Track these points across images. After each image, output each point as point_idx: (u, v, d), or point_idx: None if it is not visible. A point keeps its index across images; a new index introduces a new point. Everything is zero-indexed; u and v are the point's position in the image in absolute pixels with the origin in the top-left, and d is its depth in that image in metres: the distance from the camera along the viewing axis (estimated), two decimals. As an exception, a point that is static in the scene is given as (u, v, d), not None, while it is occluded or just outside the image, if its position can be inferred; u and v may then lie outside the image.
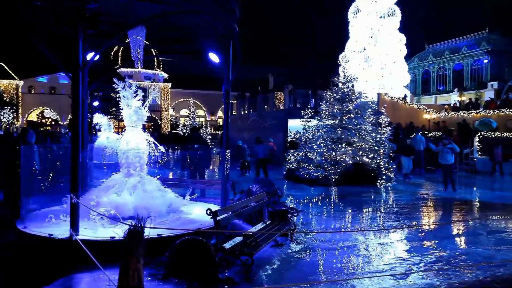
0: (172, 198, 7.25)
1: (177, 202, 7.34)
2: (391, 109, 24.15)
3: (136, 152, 7.00)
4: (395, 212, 10.16)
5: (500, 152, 16.87)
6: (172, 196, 7.34)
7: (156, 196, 6.89)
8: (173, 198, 7.30)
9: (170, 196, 7.23)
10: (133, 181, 6.94)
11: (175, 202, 7.28)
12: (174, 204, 7.20)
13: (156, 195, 6.91)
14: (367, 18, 30.93)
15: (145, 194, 6.79)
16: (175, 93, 52.06)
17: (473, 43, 36.11)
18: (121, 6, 5.82)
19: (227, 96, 7.13)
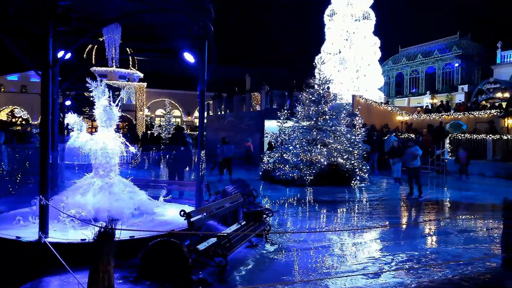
0: (142, 200, 7.08)
1: (148, 204, 7.18)
2: (365, 111, 24.58)
3: (104, 152, 6.84)
4: (368, 212, 10.34)
5: (464, 154, 16.82)
6: (144, 198, 7.17)
7: (122, 198, 6.71)
8: (144, 200, 7.12)
9: (140, 198, 7.05)
10: (100, 183, 6.80)
11: (146, 204, 7.12)
12: (144, 207, 7.01)
13: (122, 197, 6.74)
14: (342, 21, 31.38)
15: (110, 196, 6.64)
16: (150, 92, 51.32)
17: (444, 47, 37.18)
18: (93, 4, 5.70)
19: (202, 97, 7.09)
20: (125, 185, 7.06)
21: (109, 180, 6.88)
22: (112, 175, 6.97)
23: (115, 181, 6.92)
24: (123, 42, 8.39)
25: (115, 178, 6.98)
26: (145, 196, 7.34)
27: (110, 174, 6.94)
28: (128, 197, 6.83)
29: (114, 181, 6.92)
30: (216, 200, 7.59)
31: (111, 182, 6.86)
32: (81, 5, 5.76)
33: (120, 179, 7.10)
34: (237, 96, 29.28)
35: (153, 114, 53.15)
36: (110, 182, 6.85)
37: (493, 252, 6.70)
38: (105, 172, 6.93)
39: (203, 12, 6.41)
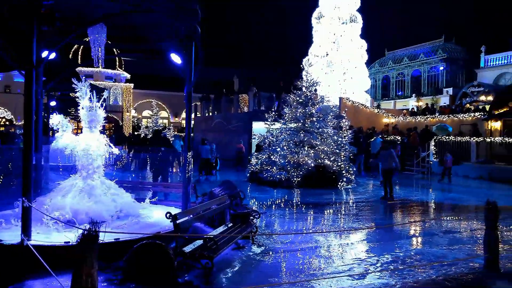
0: (126, 202, 6.95)
1: (133, 206, 7.07)
2: (352, 113, 24.81)
3: (86, 154, 6.74)
4: (354, 214, 10.43)
5: (450, 159, 16.78)
6: (128, 200, 7.05)
7: (102, 200, 6.57)
8: (127, 203, 6.98)
9: (123, 201, 6.91)
10: (81, 184, 6.71)
11: (131, 206, 6.99)
12: (129, 209, 6.88)
13: (103, 199, 6.60)
14: (330, 23, 31.63)
15: (89, 198, 6.54)
16: (137, 93, 50.90)
17: (430, 50, 37.76)
18: (78, 4, 5.63)
19: (189, 98, 7.05)
20: (109, 187, 6.94)
21: (91, 182, 6.78)
22: (95, 177, 6.87)
23: (97, 183, 6.81)
24: (109, 43, 8.32)
25: (98, 180, 6.87)
26: (130, 198, 7.24)
27: (93, 176, 6.84)
28: (109, 199, 6.70)
29: (95, 183, 6.80)
30: (203, 202, 7.55)
31: (92, 184, 6.75)
32: (65, 5, 5.69)
33: (104, 181, 7.00)
34: (225, 98, 29.27)
35: (140, 115, 52.72)
36: (91, 184, 6.74)
37: (476, 253, 6.81)
38: (88, 173, 6.83)
39: (190, 14, 6.38)
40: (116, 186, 7.18)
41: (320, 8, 32.42)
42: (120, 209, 6.72)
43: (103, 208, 6.44)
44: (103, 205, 6.51)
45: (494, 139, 18.30)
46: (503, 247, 6.97)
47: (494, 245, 5.84)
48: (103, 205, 6.51)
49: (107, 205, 6.56)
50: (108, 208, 6.54)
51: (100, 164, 6.95)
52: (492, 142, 18.23)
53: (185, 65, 7.00)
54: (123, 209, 6.78)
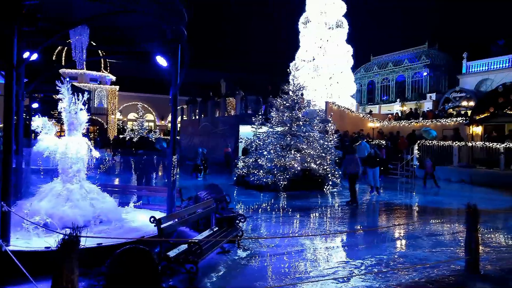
0: (107, 207, 6.78)
1: (114, 211, 6.87)
2: (338, 117, 25.01)
3: (65, 157, 6.62)
4: (340, 217, 10.48)
5: (429, 164, 16.62)
6: (110, 205, 6.87)
7: (79, 205, 6.43)
8: (109, 207, 6.82)
9: (105, 206, 6.74)
10: (59, 189, 6.58)
11: (111, 211, 6.79)
12: (109, 214, 6.71)
13: (80, 204, 6.45)
14: (316, 28, 31.89)
15: (65, 202, 6.41)
16: (123, 96, 50.40)
17: (414, 56, 38.38)
18: (61, 4, 5.54)
19: (174, 101, 7.01)
20: (88, 191, 6.76)
21: (70, 186, 6.64)
22: (75, 180, 6.73)
23: (75, 187, 6.66)
24: (94, 44, 8.22)
25: (77, 184, 6.72)
26: (112, 202, 7.12)
27: (73, 180, 6.71)
28: (87, 204, 6.54)
29: (74, 187, 6.65)
30: (188, 206, 7.50)
31: (70, 188, 6.62)
32: (48, 6, 5.60)
33: (83, 185, 6.82)
34: (212, 101, 29.21)
35: (125, 118, 52.21)
36: (69, 188, 6.61)
37: (458, 255, 6.91)
38: (67, 177, 6.71)
39: (176, 16, 6.36)
40: (98, 190, 7.05)
41: (307, 13, 32.68)
42: (99, 213, 6.55)
43: (78, 213, 6.28)
44: (79, 210, 6.35)
45: (475, 144, 18.66)
46: (483, 249, 7.10)
47: (474, 248, 5.94)
48: (79, 210, 6.35)
49: (83, 210, 6.39)
50: (84, 213, 6.37)
51: (81, 167, 6.80)
52: (474, 147, 18.58)
53: (171, 67, 6.97)
54: (103, 213, 6.60)
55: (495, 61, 30.74)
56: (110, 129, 46.47)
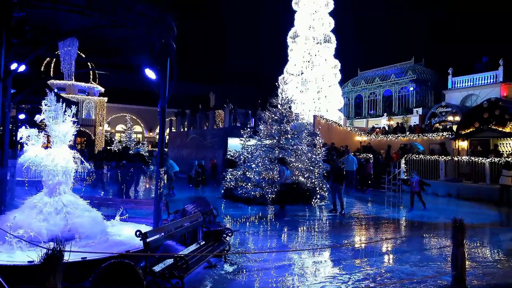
0: (87, 221, 6.54)
1: (97, 224, 6.67)
2: (326, 130, 25.20)
3: (47, 169, 6.52)
4: (328, 231, 10.49)
5: (416, 180, 14.17)
6: (90, 219, 6.65)
7: (55, 218, 6.29)
8: (88, 221, 6.56)
9: (82, 220, 6.51)
10: (41, 201, 6.48)
11: (92, 225, 6.59)
12: (92, 228, 6.48)
13: (50, 218, 6.27)
14: (305, 43, 32.31)
15: (37, 216, 6.29)
16: (111, 107, 50.07)
17: (400, 71, 39.04)
18: (49, 17, 5.54)
19: (163, 114, 7.00)
20: (67, 204, 6.56)
21: (48, 199, 6.53)
22: (56, 193, 6.60)
23: (52, 201, 6.53)
24: (83, 56, 8.19)
25: (56, 197, 6.58)
26: (97, 215, 6.98)
27: (53, 193, 6.59)
28: (60, 217, 6.36)
29: (50, 200, 6.53)
30: (175, 219, 7.43)
31: (50, 201, 6.50)
32: (37, 17, 5.59)
33: (64, 197, 6.65)
34: (200, 113, 29.19)
35: (113, 130, 51.79)
36: (49, 201, 6.50)
37: (444, 270, 6.94)
38: (49, 189, 6.61)
39: (165, 30, 6.39)
40: (80, 202, 6.88)
41: (296, 28, 33.13)
42: (77, 227, 6.34)
43: (53, 228, 6.12)
44: (55, 224, 6.20)
45: (461, 158, 18.94)
46: (470, 264, 7.16)
47: (461, 262, 5.98)
48: (55, 224, 6.20)
49: (58, 223, 6.23)
50: (59, 226, 6.21)
51: (62, 180, 6.67)
52: (460, 161, 18.85)
53: (159, 80, 6.97)
54: (83, 227, 6.41)
55: (479, 77, 31.43)
56: (97, 140, 46.00)
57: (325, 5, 32.70)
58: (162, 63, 6.80)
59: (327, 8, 32.76)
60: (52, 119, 6.70)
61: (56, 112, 6.68)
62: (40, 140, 7.23)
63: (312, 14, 32.58)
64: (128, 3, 5.78)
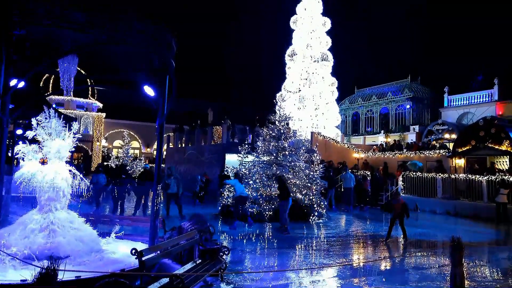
0: (65, 241, 6.32)
1: (92, 242, 6.63)
2: (323, 147, 25.23)
3: (37, 185, 6.48)
4: (326, 249, 10.39)
5: (398, 204, 11.50)
6: (70, 238, 6.40)
7: (29, 236, 6.16)
8: (66, 241, 6.34)
9: (63, 239, 6.31)
10: (35, 218, 6.42)
11: (86, 242, 6.53)
12: (61, 248, 6.20)
13: (32, 235, 6.16)
14: (302, 61, 32.66)
15: (38, 233, 6.23)
16: (109, 123, 50.15)
17: (397, 89, 39.40)
18: (50, 33, 5.59)
19: (161, 130, 7.00)
20: (54, 222, 6.44)
21: (36, 216, 6.46)
22: (45, 209, 6.54)
23: (36, 217, 6.46)
24: (83, 73, 8.24)
25: (45, 214, 6.50)
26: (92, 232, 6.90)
27: (44, 209, 6.53)
28: (43, 235, 6.24)
29: (36, 217, 6.46)
30: (172, 237, 7.35)
31: (33, 218, 6.43)
32: (37, 35, 5.64)
33: (53, 214, 6.56)
34: (198, 129, 29.23)
35: (111, 145, 51.73)
36: (32, 218, 6.43)
37: (444, 290, 6.88)
38: (40, 206, 6.56)
39: (165, 48, 6.45)
40: (76, 220, 6.78)
41: (293, 46, 33.52)
42: (58, 245, 6.16)
43: (33, 246, 6.01)
44: (33, 241, 6.09)
45: (458, 176, 18.94)
46: (469, 283, 7.09)
47: (459, 281, 5.93)
48: (33, 241, 6.09)
49: (37, 241, 6.09)
50: (39, 244, 6.07)
51: (53, 196, 6.60)
52: (457, 179, 18.85)
53: (158, 97, 6.99)
54: (68, 245, 6.21)
55: (475, 95, 31.77)
56: (94, 156, 45.89)
57: (322, 25, 33.19)
58: (161, 80, 6.85)
59: (324, 27, 33.24)
60: (48, 135, 6.69)
61: (52, 129, 6.68)
62: (37, 155, 7.19)
63: (310, 33, 33.04)
64: (128, 20, 5.85)
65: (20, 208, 7.84)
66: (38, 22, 5.29)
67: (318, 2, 33.56)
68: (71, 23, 5.42)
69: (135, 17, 5.86)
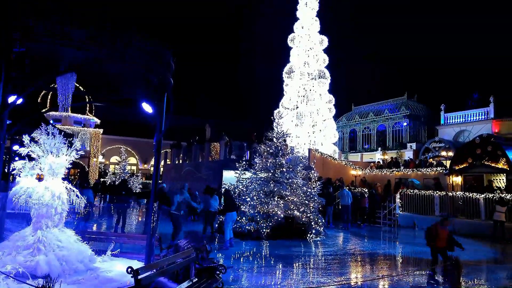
0: (43, 260, 6.19)
1: (87, 260, 6.54)
2: (320, 164, 25.25)
3: (29, 203, 6.43)
4: (323, 268, 10.28)
5: (444, 232, 9.39)
6: (50, 257, 6.28)
7: (11, 253, 6.13)
8: (46, 260, 6.20)
9: (45, 258, 6.20)
10: (16, 236, 6.36)
11: (80, 260, 6.45)
12: (43, 267, 6.06)
13: (15, 253, 6.10)
14: (300, 78, 32.96)
15: (31, 251, 6.15)
16: (106, 139, 50.08)
17: (394, 107, 39.67)
18: (49, 50, 5.64)
19: (158, 147, 7.00)
20: (40, 240, 6.37)
21: (26, 233, 6.39)
22: (36, 226, 6.48)
23: (25, 235, 6.38)
24: (82, 89, 8.28)
25: (32, 232, 6.44)
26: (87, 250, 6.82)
27: (35, 227, 6.48)
28: (26, 253, 6.15)
29: (25, 234, 6.39)
30: (168, 255, 7.28)
31: (21, 236, 6.37)
32: (36, 52, 5.69)
33: (45, 232, 6.49)
34: (196, 146, 29.20)
35: (108, 161, 51.54)
36: (21, 235, 6.37)
37: (443, 310, 6.80)
38: (32, 223, 6.50)
39: (163, 65, 6.51)
40: (70, 238, 6.70)
41: (291, 64, 33.87)
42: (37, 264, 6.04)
43: (14, 264, 5.94)
44: (12, 260, 6.00)
45: (456, 194, 18.94)
46: (468, 304, 7.01)
47: (459, 302, 5.87)
48: (12, 260, 6.00)
49: (18, 260, 5.99)
50: (19, 261, 5.98)
51: (43, 213, 6.54)
52: (454, 196, 18.84)
53: (156, 114, 7.02)
54: (47, 264, 6.10)
55: (471, 113, 32.04)
56: (91, 172, 45.67)
57: (320, 43, 33.62)
58: (159, 97, 6.88)
59: (322, 45, 33.66)
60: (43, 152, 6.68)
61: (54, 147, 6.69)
62: (33, 171, 7.16)
63: (307, 51, 33.45)
64: (127, 38, 5.92)
65: (14, 225, 7.76)
66: (38, 39, 5.34)
67: (315, 20, 34.09)
68: (71, 41, 5.48)
69: (135, 35, 5.93)
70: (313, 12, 34.31)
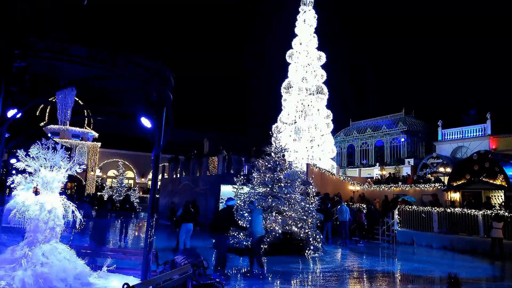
0: (19, 277, 5.99)
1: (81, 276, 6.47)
2: (319, 179, 25.22)
3: (22, 217, 6.38)
4: (322, 285, 10.18)
5: None
6: (27, 276, 6.06)
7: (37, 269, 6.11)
8: (19, 277, 6.00)
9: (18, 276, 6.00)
10: (9, 251, 6.30)
11: (74, 277, 6.37)
12: (14, 285, 5.89)
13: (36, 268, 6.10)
14: (298, 94, 33.19)
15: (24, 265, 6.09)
16: (104, 152, 50.01)
17: (391, 122, 39.86)
18: (50, 66, 5.68)
19: (156, 162, 6.99)
20: (25, 255, 6.28)
21: (16, 249, 6.34)
22: (27, 241, 6.43)
23: (16, 249, 6.33)
24: (81, 103, 8.32)
25: (22, 247, 6.38)
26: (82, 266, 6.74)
27: (24, 241, 6.42)
28: (5, 269, 6.09)
29: (16, 248, 6.34)
30: (164, 271, 7.20)
31: (13, 250, 6.31)
32: (37, 67, 5.72)
33: (27, 248, 6.39)
34: (194, 160, 29.17)
35: (105, 175, 51.35)
36: (13, 250, 6.31)
37: (442, 328, 6.72)
38: (26, 238, 6.44)
39: (163, 81, 6.55)
40: (52, 255, 6.57)
41: (289, 79, 34.16)
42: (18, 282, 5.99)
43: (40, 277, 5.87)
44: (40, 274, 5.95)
45: (454, 210, 18.89)
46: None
47: (458, 321, 5.80)
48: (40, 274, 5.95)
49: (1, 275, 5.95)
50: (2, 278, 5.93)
51: (31, 228, 6.47)
52: (453, 213, 18.78)
53: (154, 129, 7.02)
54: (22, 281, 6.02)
55: (468, 129, 32.20)
56: (88, 186, 45.46)
57: (318, 59, 33.98)
58: (158, 112, 6.90)
59: (320, 61, 34.02)
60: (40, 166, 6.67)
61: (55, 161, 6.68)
62: (30, 185, 7.12)
63: (305, 66, 33.78)
64: (127, 55, 5.97)
65: (9, 240, 7.70)
66: (40, 55, 5.38)
67: (313, 37, 34.50)
68: (71, 57, 5.52)
69: (134, 52, 5.98)
70: (311, 29, 34.77)
